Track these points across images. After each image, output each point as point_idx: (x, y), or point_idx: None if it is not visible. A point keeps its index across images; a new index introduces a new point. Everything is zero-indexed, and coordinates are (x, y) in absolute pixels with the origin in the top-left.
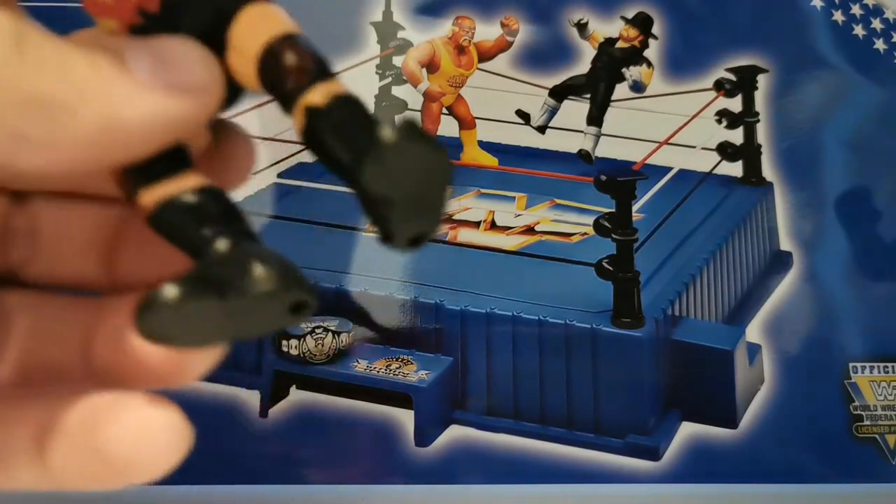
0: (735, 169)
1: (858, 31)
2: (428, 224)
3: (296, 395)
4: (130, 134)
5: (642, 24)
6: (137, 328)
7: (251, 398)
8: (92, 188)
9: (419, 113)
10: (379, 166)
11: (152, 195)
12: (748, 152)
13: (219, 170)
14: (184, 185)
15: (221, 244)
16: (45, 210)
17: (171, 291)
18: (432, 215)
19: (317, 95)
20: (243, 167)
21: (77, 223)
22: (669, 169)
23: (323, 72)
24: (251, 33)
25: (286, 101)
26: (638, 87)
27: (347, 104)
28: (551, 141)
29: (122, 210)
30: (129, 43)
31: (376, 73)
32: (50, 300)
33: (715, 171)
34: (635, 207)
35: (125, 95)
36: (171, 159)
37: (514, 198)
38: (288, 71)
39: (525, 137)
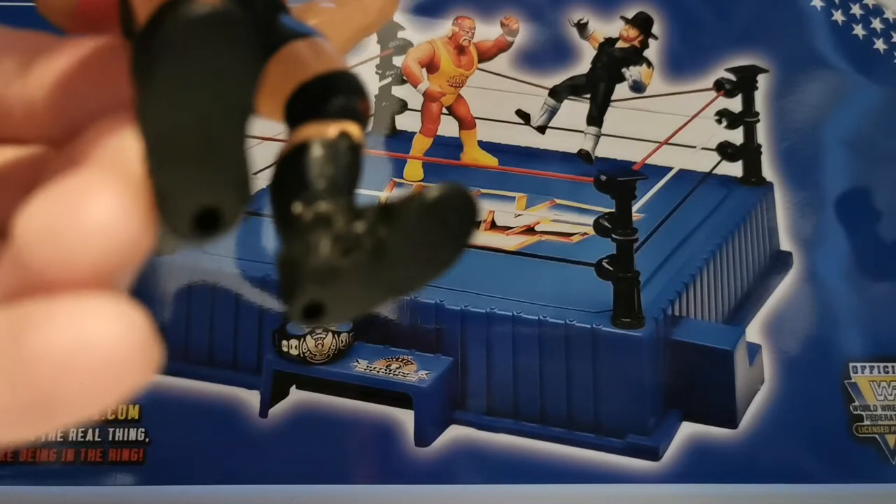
0: (735, 169)
1: (858, 31)
2: (215, 188)
3: (296, 395)
4: None
5: (642, 24)
6: None
7: (251, 398)
8: None
9: (419, 113)
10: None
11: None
12: (748, 152)
13: None
14: None
15: None
16: None
17: None
18: (222, 174)
19: (355, 129)
20: None
21: None
22: (669, 169)
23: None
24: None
25: (327, 105)
26: (638, 87)
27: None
28: (551, 141)
29: None
30: None
31: (376, 73)
32: None
33: (715, 171)
34: (635, 207)
35: None
36: None
37: (514, 198)
38: (361, 104)
39: (525, 137)
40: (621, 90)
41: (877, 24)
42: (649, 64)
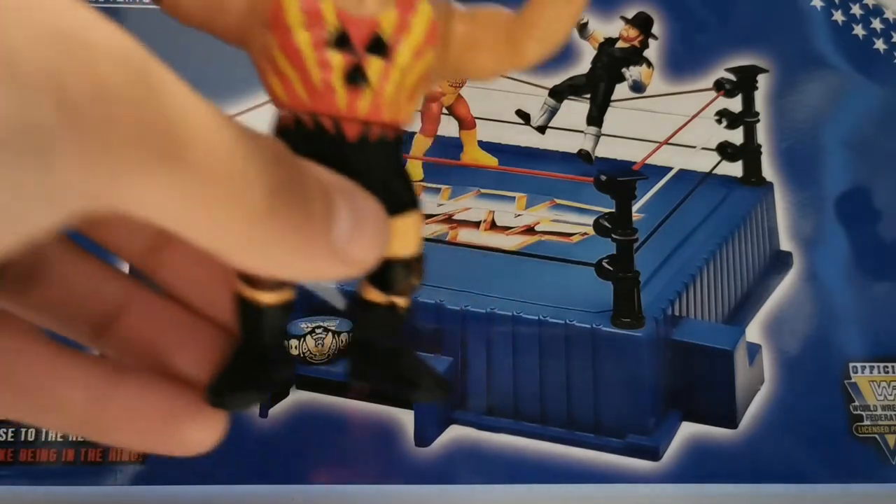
0: (735, 169)
1: (858, 31)
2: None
3: (296, 395)
4: (279, 272)
5: (642, 24)
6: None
7: None
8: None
9: (419, 113)
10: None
11: (263, 296)
12: (748, 152)
13: None
14: (283, 297)
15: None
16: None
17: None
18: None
19: (403, 302)
20: None
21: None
22: (669, 169)
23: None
24: (403, 239)
25: (382, 286)
26: (638, 87)
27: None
28: (551, 141)
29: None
30: (335, 182)
31: None
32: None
33: (715, 171)
34: (635, 207)
35: (317, 255)
36: None
37: (514, 198)
38: (407, 288)
39: (525, 137)
40: (621, 90)
41: (877, 24)
42: (649, 64)
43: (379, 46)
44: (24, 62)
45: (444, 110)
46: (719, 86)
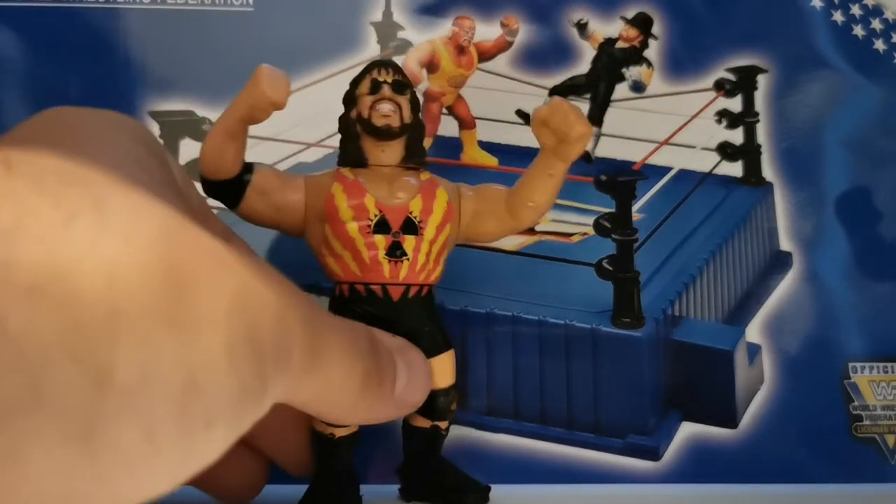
0: (735, 169)
1: (858, 31)
2: None
3: None
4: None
5: (642, 24)
6: None
7: None
8: None
9: None
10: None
11: (337, 431)
12: (748, 152)
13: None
14: (352, 430)
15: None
16: None
17: None
18: None
19: (443, 424)
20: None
21: None
22: (669, 169)
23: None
24: (442, 374)
25: (427, 413)
26: (638, 87)
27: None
28: None
29: None
30: (393, 344)
31: None
32: None
33: (715, 171)
34: (635, 207)
35: (386, 407)
36: None
37: None
38: (447, 412)
39: (525, 137)
40: (621, 90)
41: (877, 24)
42: (649, 64)
43: (411, 227)
44: (267, 346)
45: (444, 110)
46: (719, 86)
